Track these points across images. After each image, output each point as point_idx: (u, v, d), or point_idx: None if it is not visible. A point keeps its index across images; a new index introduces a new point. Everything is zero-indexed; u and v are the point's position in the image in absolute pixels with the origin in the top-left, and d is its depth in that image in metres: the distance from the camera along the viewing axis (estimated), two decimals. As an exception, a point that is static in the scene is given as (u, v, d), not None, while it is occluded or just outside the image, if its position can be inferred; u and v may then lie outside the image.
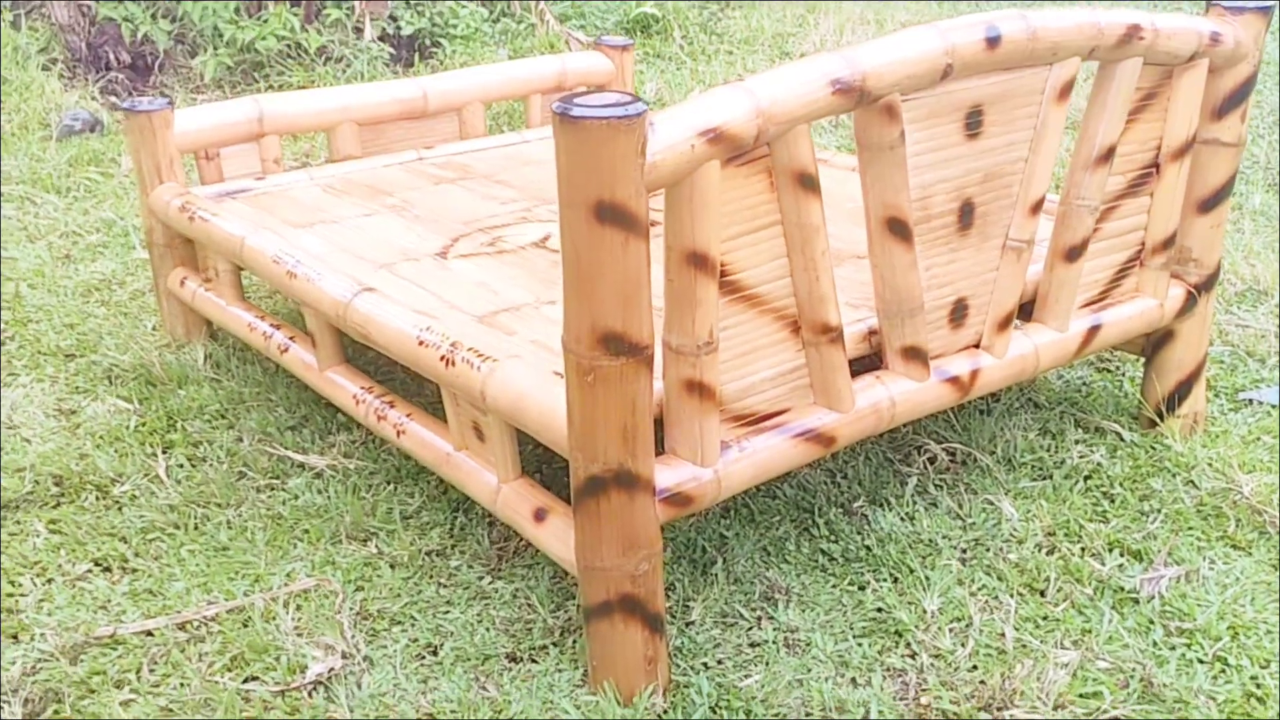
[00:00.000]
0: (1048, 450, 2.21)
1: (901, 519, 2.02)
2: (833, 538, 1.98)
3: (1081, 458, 2.17)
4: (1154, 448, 2.21)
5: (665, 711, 1.62)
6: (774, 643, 1.74)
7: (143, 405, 2.56)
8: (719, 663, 1.71)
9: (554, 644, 1.76)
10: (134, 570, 2.01)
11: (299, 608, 1.87)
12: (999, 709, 1.59)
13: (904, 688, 1.66)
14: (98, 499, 2.24)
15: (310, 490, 2.23)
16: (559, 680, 1.68)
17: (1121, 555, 1.91)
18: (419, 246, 2.39)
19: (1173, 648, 1.71)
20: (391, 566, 1.98)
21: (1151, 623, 1.76)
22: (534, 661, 1.73)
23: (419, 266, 2.27)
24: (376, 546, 2.04)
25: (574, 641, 1.76)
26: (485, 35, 5.70)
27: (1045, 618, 1.78)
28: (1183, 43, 1.93)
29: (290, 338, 2.38)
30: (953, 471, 2.16)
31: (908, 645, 1.74)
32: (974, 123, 1.76)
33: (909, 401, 1.83)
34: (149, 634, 1.83)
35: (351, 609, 1.86)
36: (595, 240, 1.41)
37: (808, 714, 1.61)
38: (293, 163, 3.97)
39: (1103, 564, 1.89)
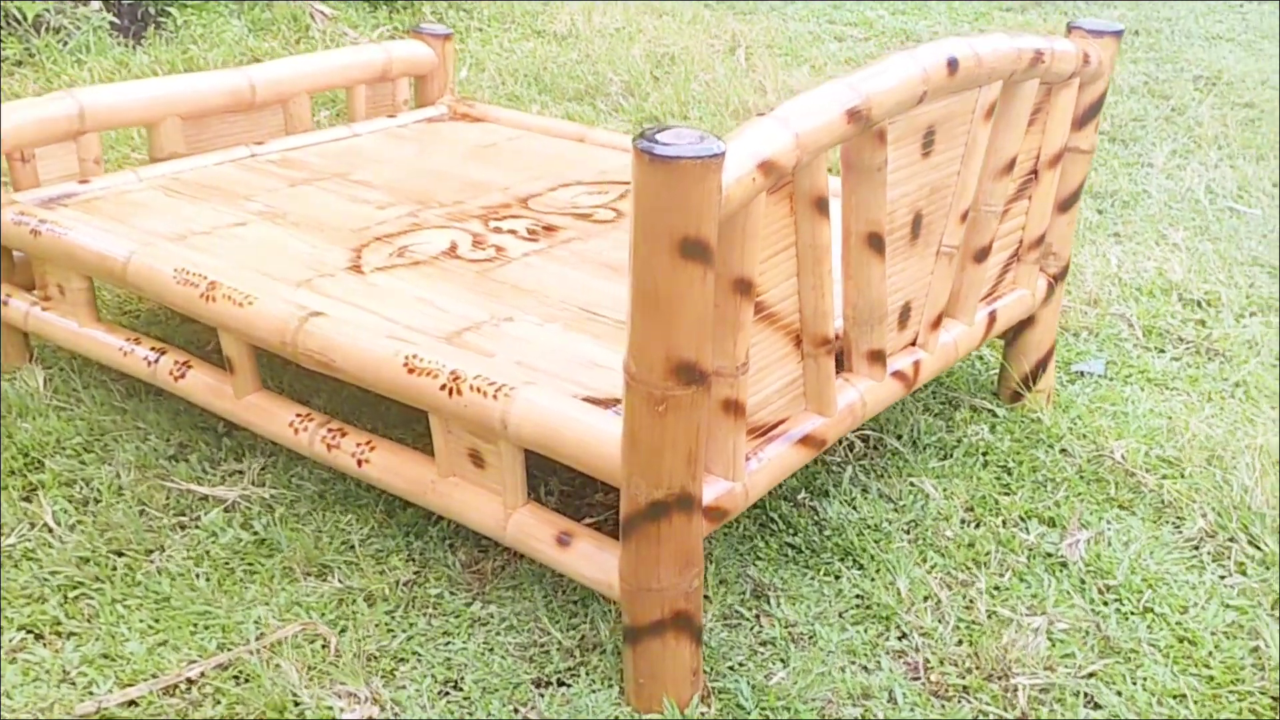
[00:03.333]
0: (945, 430, 2.42)
1: (844, 505, 2.17)
2: (791, 530, 2.10)
3: (975, 436, 2.40)
4: (1025, 421, 2.48)
5: (713, 717, 1.68)
6: (782, 639, 1.84)
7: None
8: (741, 664, 1.79)
9: (580, 664, 1.78)
10: (73, 634, 1.83)
11: (292, 657, 1.77)
12: (1003, 677, 1.77)
13: (911, 668, 1.81)
14: (-14, 556, 2.00)
15: (233, 525, 2.10)
16: (598, 701, 1.70)
17: (1040, 524, 2.15)
18: (324, 259, 2.27)
19: (1106, 603, 1.96)
20: (368, 602, 1.91)
21: (1083, 583, 2.01)
22: (565, 684, 1.75)
23: (339, 282, 2.17)
24: (340, 581, 1.96)
25: (598, 660, 1.78)
26: (219, 5, 5.34)
27: (998, 588, 1.99)
28: (1067, 63, 2.16)
29: (184, 363, 2.21)
30: (869, 457, 2.33)
31: (897, 627, 1.89)
32: (929, 142, 1.91)
33: (874, 399, 1.98)
34: (133, 703, 1.68)
35: (350, 652, 1.79)
36: (678, 275, 1.43)
37: (838, 704, 1.72)
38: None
39: (1027, 533, 2.12)
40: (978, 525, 2.15)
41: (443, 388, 1.75)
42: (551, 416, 1.66)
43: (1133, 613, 1.94)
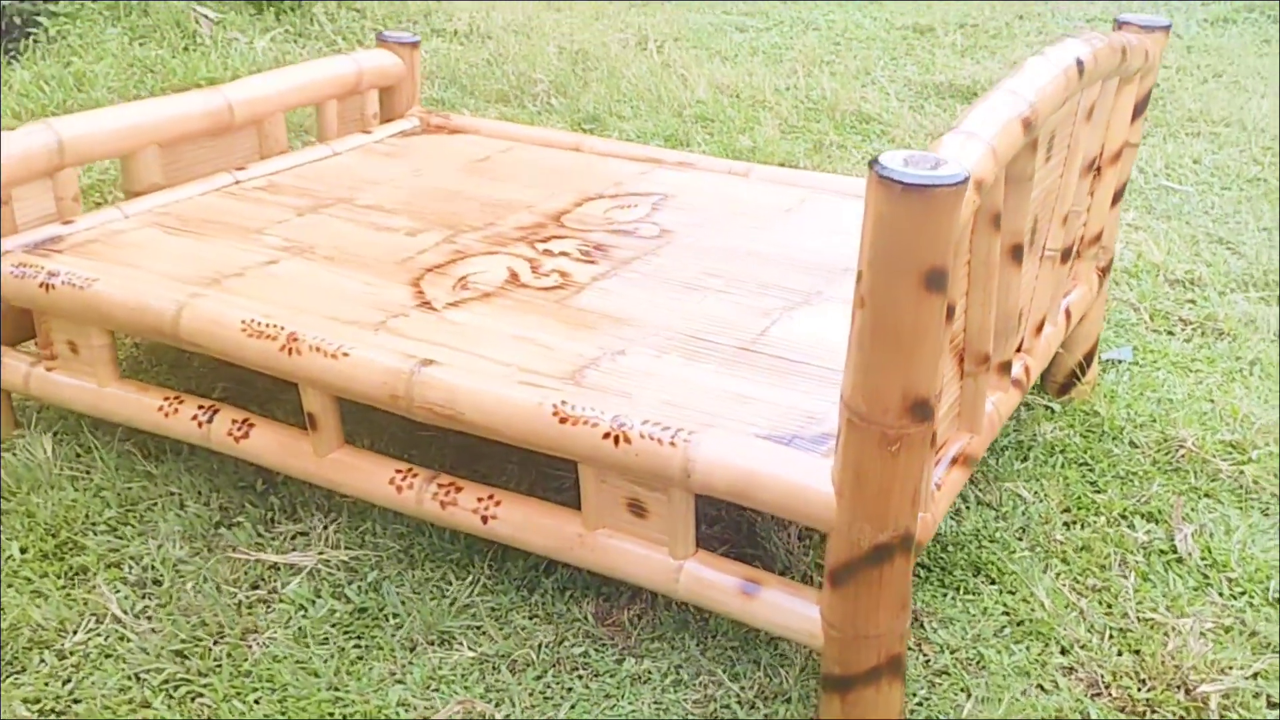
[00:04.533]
0: (1014, 429, 2.41)
1: (949, 519, 2.13)
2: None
3: (1045, 433, 2.40)
4: (1083, 413, 2.49)
5: (921, 761, 1.62)
6: (954, 665, 1.79)
7: (16, 534, 2.04)
8: (927, 698, 1.73)
9: (767, 717, 1.68)
10: (194, 738, 1.63)
11: (459, 741, 1.62)
12: (1182, 687, 1.76)
13: (1088, 685, 1.78)
14: (58, 659, 1.77)
15: (322, 595, 1.92)
16: (801, 754, 1.61)
17: (1143, 520, 2.16)
18: (385, 297, 2.09)
19: (1236, 597, 1.98)
20: (511, 670, 1.77)
21: (1206, 578, 2.02)
22: (760, 741, 1.65)
23: (417, 323, 1.99)
24: (470, 648, 1.81)
25: (785, 710, 1.69)
26: (93, 11, 4.94)
27: (1132, 591, 1.98)
28: (1137, 58, 2.17)
29: (244, 421, 2.00)
30: (955, 464, 2.30)
31: (1056, 642, 1.86)
32: (1049, 147, 1.88)
33: (1003, 409, 1.94)
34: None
35: (523, 729, 1.65)
36: (921, 308, 1.36)
37: (1036, 729, 1.68)
38: None
39: (1134, 530, 2.12)
40: (1082, 526, 2.14)
41: (606, 436, 1.62)
42: (744, 461, 1.55)
43: (1264, 604, 1.96)
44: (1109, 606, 1.93)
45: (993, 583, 1.98)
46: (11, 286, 2.09)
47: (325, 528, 2.08)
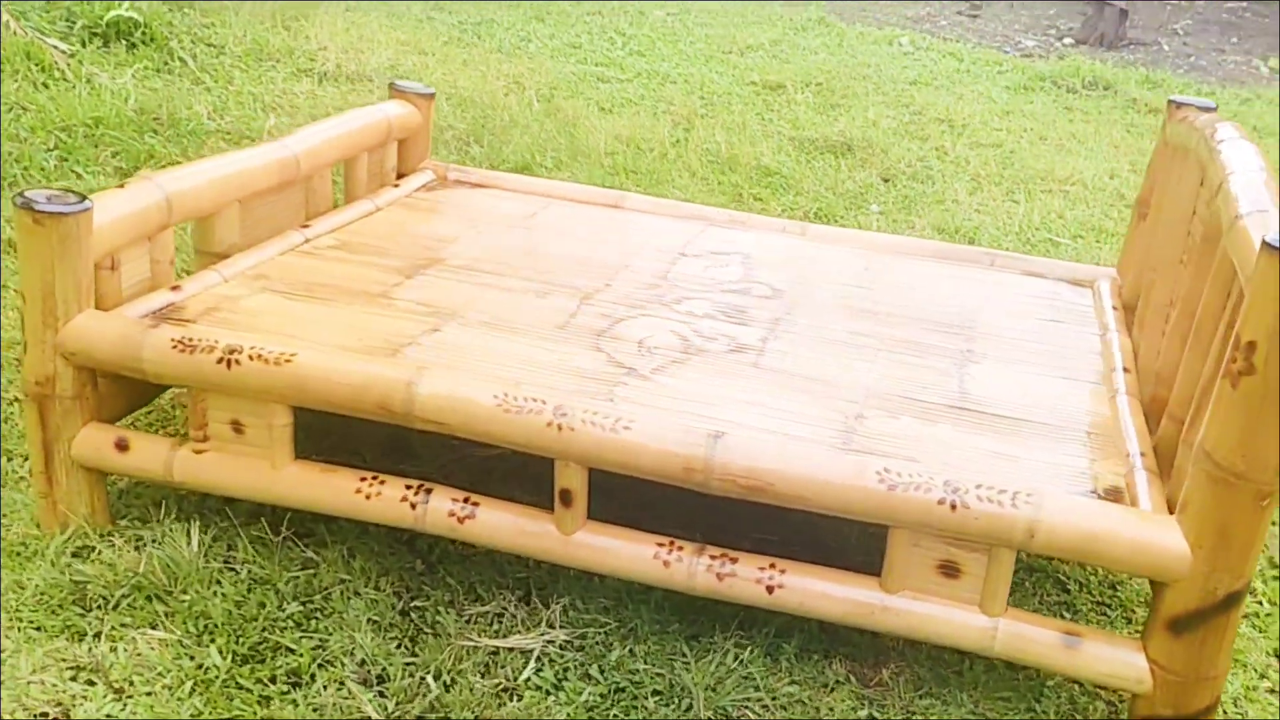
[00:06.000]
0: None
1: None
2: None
3: None
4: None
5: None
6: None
7: (195, 638, 1.83)
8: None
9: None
10: None
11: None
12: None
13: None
14: (347, 777, 1.61)
15: (570, 678, 1.84)
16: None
17: None
18: (585, 365, 2.03)
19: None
20: (815, 738, 1.76)
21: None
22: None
23: (640, 390, 1.95)
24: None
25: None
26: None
27: None
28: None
29: (467, 500, 1.88)
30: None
31: None
32: None
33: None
34: None
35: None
36: (1302, 374, 1.50)
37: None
38: None
39: None
40: None
41: (941, 502, 1.66)
42: (1088, 521, 1.64)
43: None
44: None
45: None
46: (171, 363, 1.87)
47: (516, 607, 1.99)
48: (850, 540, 2.13)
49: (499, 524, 1.87)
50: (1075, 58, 7.31)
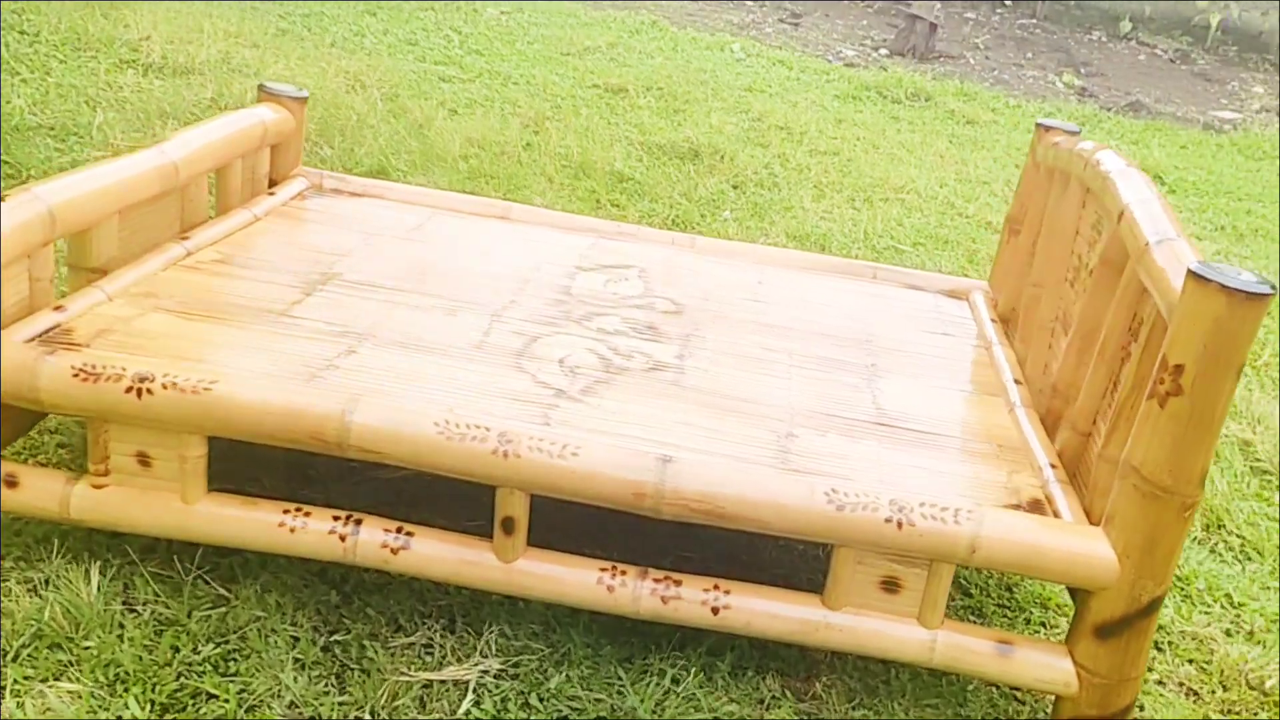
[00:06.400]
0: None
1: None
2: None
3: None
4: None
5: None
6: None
7: (108, 688, 1.71)
8: None
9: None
10: None
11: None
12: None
13: None
14: (299, 830, 1.53)
15: (511, 708, 1.81)
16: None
17: None
18: (509, 385, 1.99)
19: None
20: (763, 757, 1.78)
21: None
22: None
23: (571, 411, 1.93)
24: (707, 743, 1.79)
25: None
26: None
27: None
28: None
29: (400, 530, 1.82)
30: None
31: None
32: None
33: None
34: None
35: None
36: (1227, 396, 1.61)
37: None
38: None
39: None
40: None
41: (888, 521, 1.71)
42: (1026, 535, 1.72)
43: None
44: None
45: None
46: (72, 393, 1.74)
47: (443, 636, 1.94)
48: (765, 554, 2.16)
49: (435, 554, 1.81)
50: (895, 69, 7.62)
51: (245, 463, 2.09)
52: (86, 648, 1.77)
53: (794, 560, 2.26)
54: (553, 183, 4.50)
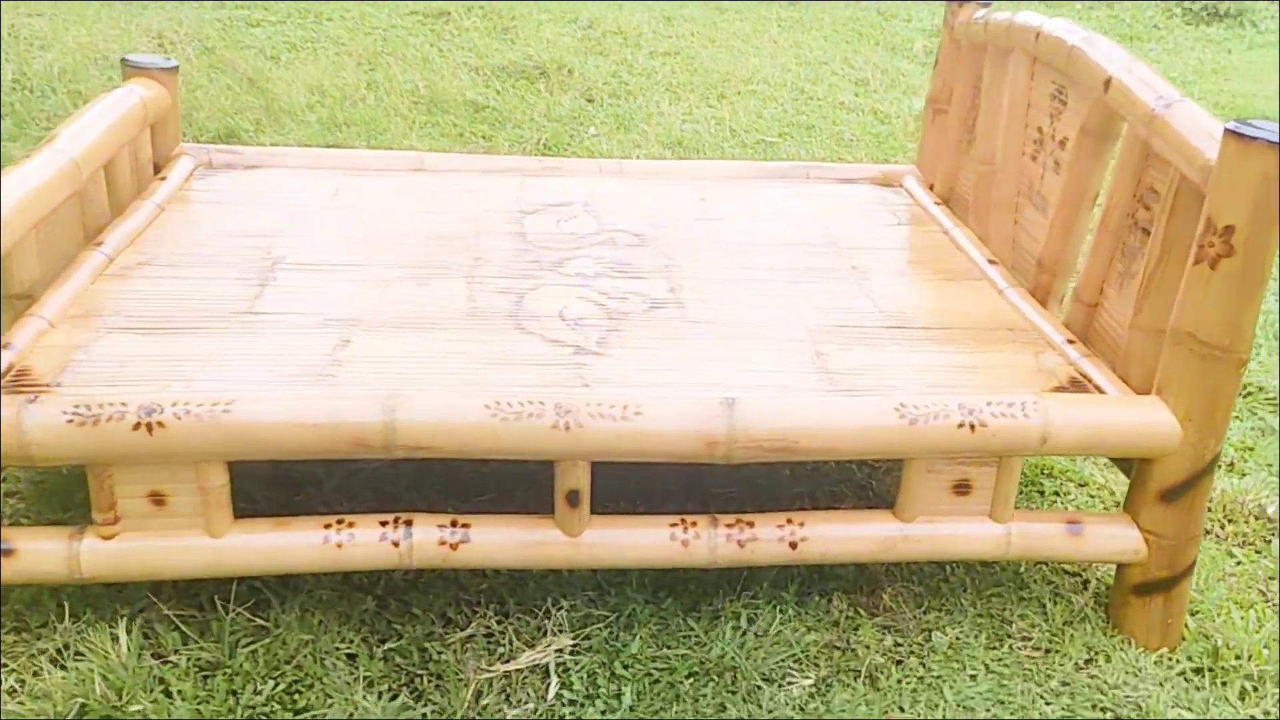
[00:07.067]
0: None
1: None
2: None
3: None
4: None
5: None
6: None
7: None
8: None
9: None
10: None
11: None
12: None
13: None
14: None
15: (601, 683, 1.74)
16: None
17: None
18: (525, 350, 1.87)
19: None
20: (860, 681, 1.77)
21: None
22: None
23: (595, 369, 1.83)
24: (803, 676, 1.76)
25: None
26: None
27: None
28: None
29: (455, 524, 1.70)
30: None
31: None
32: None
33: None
34: None
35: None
36: (1275, 251, 1.64)
37: None
38: None
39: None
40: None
41: (960, 426, 1.68)
42: (1091, 416, 1.72)
43: None
44: None
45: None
46: (70, 442, 1.53)
47: (500, 622, 1.84)
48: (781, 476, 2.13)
49: (497, 541, 1.70)
50: (705, -44, 7.52)
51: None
52: (136, 711, 1.60)
53: (815, 479, 2.23)
54: (411, 122, 4.27)
